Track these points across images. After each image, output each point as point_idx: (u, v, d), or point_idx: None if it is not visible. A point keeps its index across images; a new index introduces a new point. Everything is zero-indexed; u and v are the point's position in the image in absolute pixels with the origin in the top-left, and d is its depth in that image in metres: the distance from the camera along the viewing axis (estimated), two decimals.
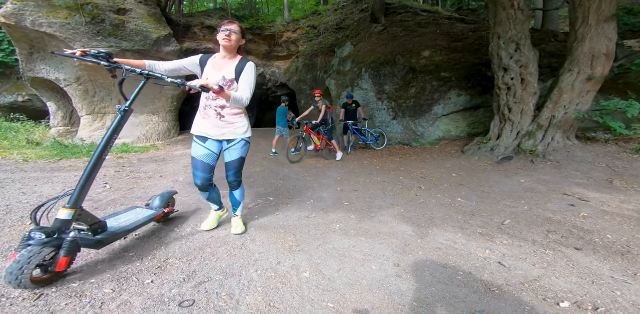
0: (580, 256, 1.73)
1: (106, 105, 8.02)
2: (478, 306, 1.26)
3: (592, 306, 1.24)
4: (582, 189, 3.00)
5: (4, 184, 2.92)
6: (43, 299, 1.16)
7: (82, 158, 5.35)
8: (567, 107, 3.97)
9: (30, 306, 1.11)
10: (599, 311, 1.20)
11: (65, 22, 6.07)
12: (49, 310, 1.09)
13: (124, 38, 6.56)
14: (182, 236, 1.91)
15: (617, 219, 2.27)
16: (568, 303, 1.27)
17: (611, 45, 3.73)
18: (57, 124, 8.75)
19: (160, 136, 8.65)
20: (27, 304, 1.12)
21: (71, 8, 6.13)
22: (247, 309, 1.16)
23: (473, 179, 3.76)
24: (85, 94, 7.61)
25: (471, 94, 6.15)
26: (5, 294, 1.17)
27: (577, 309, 1.22)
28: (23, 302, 1.13)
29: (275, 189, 3.27)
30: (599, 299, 1.28)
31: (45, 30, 6.05)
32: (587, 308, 1.22)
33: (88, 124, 8.00)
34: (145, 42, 6.73)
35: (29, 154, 5.05)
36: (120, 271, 1.42)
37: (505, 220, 2.36)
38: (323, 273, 1.47)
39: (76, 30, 6.17)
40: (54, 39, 6.38)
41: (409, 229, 2.20)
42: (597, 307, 1.23)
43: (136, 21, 6.73)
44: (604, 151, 3.85)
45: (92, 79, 7.36)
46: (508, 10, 4.34)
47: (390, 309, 1.23)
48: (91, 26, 6.25)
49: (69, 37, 6.20)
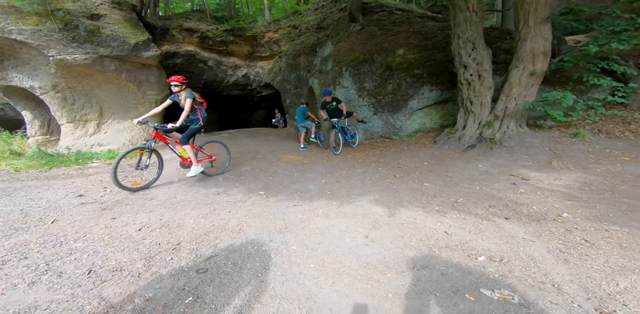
0: (506, 223, 2.22)
1: (87, 112, 7.94)
2: (422, 262, 1.70)
3: (499, 258, 1.70)
4: (526, 170, 3.56)
5: (9, 193, 3.09)
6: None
7: (72, 166, 5.43)
8: (517, 99, 4.54)
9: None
10: (503, 261, 1.67)
11: (36, 29, 5.98)
12: None
13: (101, 44, 6.54)
14: (189, 225, 2.24)
15: (545, 194, 2.80)
16: (484, 257, 1.73)
17: (547, 44, 4.29)
18: (35, 133, 8.56)
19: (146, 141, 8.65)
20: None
21: (41, 14, 6.02)
22: (248, 271, 1.54)
23: (441, 166, 4.26)
24: (64, 102, 7.51)
25: (441, 89, 6.69)
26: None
27: (489, 261, 1.68)
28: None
29: (265, 185, 3.62)
30: (506, 254, 1.75)
31: (16, 37, 5.94)
32: (496, 260, 1.68)
33: (70, 133, 7.91)
34: (123, 48, 6.74)
35: (17, 165, 5.08)
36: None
37: (459, 199, 2.84)
38: (307, 246, 1.87)
39: (49, 37, 6.10)
40: (26, 46, 6.27)
41: (380, 210, 2.63)
42: (503, 259, 1.69)
43: (112, 27, 6.70)
44: (549, 136, 4.47)
45: (71, 86, 7.28)
46: (465, 13, 4.82)
47: (357, 266, 1.64)
48: (65, 33, 6.19)
49: (42, 45, 6.12)
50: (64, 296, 1.27)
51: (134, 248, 1.83)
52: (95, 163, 5.82)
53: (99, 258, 1.66)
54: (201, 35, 9.20)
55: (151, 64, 7.61)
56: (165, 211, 2.64)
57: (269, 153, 6.21)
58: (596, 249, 1.70)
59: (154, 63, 7.63)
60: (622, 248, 1.69)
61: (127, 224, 2.29)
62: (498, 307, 1.27)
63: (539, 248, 1.77)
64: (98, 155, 6.75)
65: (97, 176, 4.29)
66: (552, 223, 2.13)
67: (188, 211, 2.64)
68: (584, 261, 1.59)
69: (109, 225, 2.26)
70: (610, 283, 1.37)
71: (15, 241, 1.89)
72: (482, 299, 1.32)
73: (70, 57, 6.27)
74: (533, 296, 1.32)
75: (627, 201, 2.46)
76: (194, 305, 1.25)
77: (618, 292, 1.30)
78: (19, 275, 1.43)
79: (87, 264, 1.58)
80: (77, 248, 1.79)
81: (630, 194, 2.59)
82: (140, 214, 2.55)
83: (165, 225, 2.27)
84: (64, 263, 1.58)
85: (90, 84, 7.30)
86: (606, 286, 1.35)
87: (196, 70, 10.08)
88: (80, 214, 2.52)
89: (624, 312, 1.19)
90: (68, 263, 1.58)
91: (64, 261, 1.61)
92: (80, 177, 4.23)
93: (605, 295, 1.29)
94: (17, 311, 1.14)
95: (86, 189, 3.48)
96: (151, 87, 7.99)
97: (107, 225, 2.26)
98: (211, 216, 2.48)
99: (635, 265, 1.51)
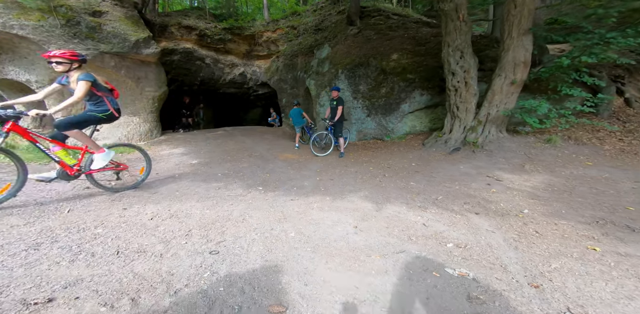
0: (476, 218, 2.56)
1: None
2: (401, 247, 2.01)
3: (464, 245, 2.02)
4: (501, 172, 3.94)
5: None
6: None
7: None
8: (498, 106, 4.93)
9: None
10: (466, 247, 1.99)
11: (38, 25, 6.03)
12: None
13: (102, 41, 6.61)
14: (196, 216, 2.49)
15: (514, 193, 3.17)
16: (452, 244, 2.05)
17: (528, 55, 4.68)
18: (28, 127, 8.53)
19: (142, 136, 8.71)
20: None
21: (44, 10, 6.07)
22: (254, 254, 1.82)
23: (427, 167, 4.61)
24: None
25: (431, 93, 7.05)
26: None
27: (455, 247, 2.00)
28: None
29: (263, 181, 3.88)
30: (470, 242, 2.07)
31: (17, 32, 5.98)
32: (461, 247, 2.01)
33: None
34: (124, 44, 6.82)
35: None
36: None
37: (439, 196, 3.18)
38: (304, 233, 2.15)
39: (51, 32, 6.15)
40: (26, 41, 6.29)
41: (369, 205, 2.94)
42: (467, 246, 2.02)
43: (113, 24, 6.77)
44: (525, 141, 4.88)
45: None
46: (455, 22, 5.16)
47: (347, 250, 1.94)
48: (67, 29, 6.25)
49: (43, 40, 6.16)
50: (102, 271, 1.51)
51: (150, 233, 2.07)
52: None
53: (122, 242, 1.90)
54: (200, 33, 9.29)
55: (150, 61, 7.69)
56: (171, 203, 2.87)
57: (265, 151, 6.45)
58: (542, 239, 2.05)
59: (154, 60, 7.72)
60: (563, 238, 2.05)
61: (139, 213, 2.52)
62: (456, 281, 1.58)
63: (497, 237, 2.11)
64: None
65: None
66: (514, 218, 2.48)
67: (193, 203, 2.88)
68: (530, 248, 1.93)
69: (122, 215, 2.48)
70: (544, 264, 1.71)
71: (40, 227, 2.10)
72: (445, 275, 1.64)
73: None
74: (484, 274, 1.64)
75: (580, 200, 2.84)
76: (211, 278, 1.52)
77: (549, 271, 1.64)
78: (57, 255, 1.66)
79: (113, 246, 1.82)
80: (100, 233, 2.03)
81: (585, 195, 2.98)
82: (148, 205, 2.78)
83: (174, 215, 2.51)
84: (92, 246, 1.81)
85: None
86: (541, 267, 1.69)
87: (193, 68, 10.16)
88: (92, 205, 2.73)
89: (548, 285, 1.52)
90: (96, 246, 1.81)
91: (92, 244, 1.84)
92: None
93: (538, 273, 1.63)
94: (67, 283, 1.38)
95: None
96: (149, 84, 8.08)
97: (121, 215, 2.48)
98: (215, 208, 2.73)
99: (568, 251, 1.86)
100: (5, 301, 1.19)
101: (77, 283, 1.38)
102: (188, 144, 7.07)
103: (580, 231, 2.17)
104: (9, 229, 2.00)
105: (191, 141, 7.49)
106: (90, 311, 1.19)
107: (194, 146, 6.84)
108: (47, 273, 1.44)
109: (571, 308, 1.34)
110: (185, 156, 5.83)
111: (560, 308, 1.34)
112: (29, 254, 1.63)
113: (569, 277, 1.58)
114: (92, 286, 1.36)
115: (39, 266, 1.51)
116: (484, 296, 1.44)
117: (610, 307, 1.33)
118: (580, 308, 1.33)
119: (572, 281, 1.54)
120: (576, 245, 1.95)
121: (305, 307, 1.32)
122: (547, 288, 1.49)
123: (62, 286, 1.34)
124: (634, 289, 1.45)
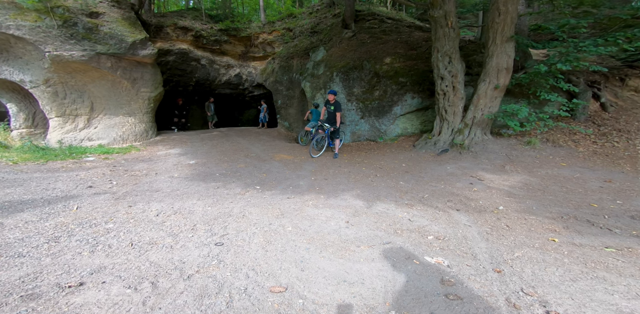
0: (456, 214, 2.82)
1: (78, 107, 7.97)
2: (387, 239, 2.24)
3: (443, 237, 2.27)
4: (483, 172, 4.23)
5: (20, 183, 3.37)
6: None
7: (67, 160, 5.62)
8: (483, 110, 5.24)
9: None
10: (445, 239, 2.24)
11: (35, 25, 6.06)
12: None
13: (99, 42, 6.67)
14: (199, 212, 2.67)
15: (493, 192, 3.46)
16: (432, 236, 2.30)
17: (510, 61, 5.00)
18: (19, 126, 8.47)
19: (137, 137, 8.76)
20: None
21: (40, 11, 6.10)
22: (255, 245, 2.02)
23: (416, 168, 4.88)
24: (54, 96, 7.53)
25: (422, 97, 7.35)
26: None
27: (435, 239, 2.25)
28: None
29: (260, 180, 4.08)
30: (448, 235, 2.33)
31: (13, 32, 6.00)
32: (440, 238, 2.26)
33: (59, 127, 7.91)
34: (120, 46, 6.88)
35: (12, 157, 5.22)
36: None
37: (425, 195, 3.44)
38: (300, 227, 2.37)
39: (47, 33, 6.18)
40: (22, 42, 6.31)
41: (360, 203, 3.17)
42: (445, 238, 2.27)
43: (110, 25, 6.83)
44: (507, 143, 5.21)
45: (63, 81, 7.32)
46: (444, 29, 5.45)
47: (339, 241, 2.16)
48: (64, 29, 6.28)
49: (39, 40, 6.19)
50: (121, 260, 1.69)
51: (158, 228, 2.25)
52: (91, 157, 6.01)
53: (134, 235, 2.08)
54: (195, 34, 9.38)
55: (147, 62, 7.76)
56: (173, 201, 3.04)
57: (261, 152, 6.62)
58: (511, 232, 2.31)
59: (150, 61, 7.79)
60: (529, 231, 2.32)
61: (145, 210, 2.69)
62: (433, 267, 1.83)
63: (473, 230, 2.37)
64: (90, 150, 6.89)
65: (98, 170, 4.58)
66: (489, 214, 2.75)
67: (194, 201, 3.06)
68: (500, 239, 2.19)
69: (128, 211, 2.65)
70: (509, 253, 1.97)
71: (54, 222, 2.26)
72: (424, 262, 1.88)
73: (67, 53, 6.37)
74: (457, 261, 1.89)
75: (551, 198, 3.14)
76: (219, 265, 1.72)
77: (512, 259, 1.91)
78: (77, 246, 1.83)
79: (126, 239, 2.00)
80: (111, 228, 2.20)
81: (556, 193, 3.29)
82: (152, 203, 2.95)
83: (178, 212, 2.69)
84: (107, 239, 1.98)
85: (83, 79, 7.37)
86: (506, 255, 1.95)
87: (189, 69, 10.24)
88: (98, 202, 2.88)
89: (509, 270, 1.79)
90: (111, 239, 1.99)
91: (107, 237, 2.01)
92: (81, 171, 4.49)
93: (502, 261, 1.89)
94: (92, 270, 1.56)
95: (93, 182, 3.79)
96: (145, 85, 8.14)
97: (127, 211, 2.65)
98: (216, 205, 2.92)
99: (531, 242, 2.13)
100: (42, 284, 1.37)
101: (101, 270, 1.56)
102: (184, 145, 7.19)
103: (546, 225, 2.45)
104: (25, 225, 2.15)
105: (187, 142, 7.61)
106: (117, 292, 1.37)
107: (190, 147, 6.96)
108: (72, 261, 1.62)
109: (524, 288, 1.59)
110: (182, 156, 5.97)
111: (515, 289, 1.59)
112: (51, 246, 1.80)
113: (527, 264, 1.84)
114: (115, 272, 1.55)
115: (63, 256, 1.68)
116: (454, 279, 1.69)
117: (556, 287, 1.59)
118: (532, 288, 1.59)
119: (529, 267, 1.80)
120: (539, 237, 2.22)
121: (302, 287, 1.53)
122: (507, 273, 1.74)
123: (88, 272, 1.52)
124: (579, 273, 1.72)
